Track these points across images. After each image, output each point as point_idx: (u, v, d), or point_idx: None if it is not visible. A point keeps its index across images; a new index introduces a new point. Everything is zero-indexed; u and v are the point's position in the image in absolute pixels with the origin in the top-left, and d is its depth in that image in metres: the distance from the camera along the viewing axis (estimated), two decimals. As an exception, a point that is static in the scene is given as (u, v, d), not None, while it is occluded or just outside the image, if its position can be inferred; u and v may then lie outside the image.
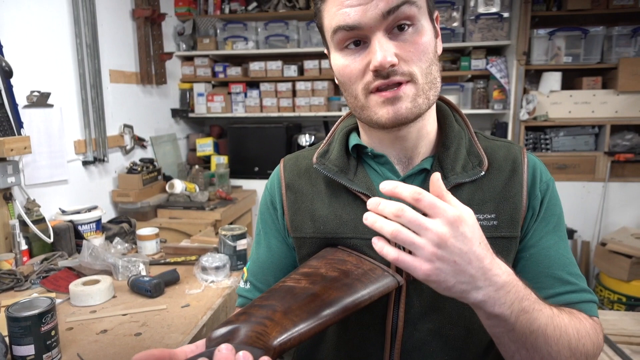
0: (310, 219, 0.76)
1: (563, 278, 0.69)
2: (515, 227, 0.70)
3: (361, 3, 0.62)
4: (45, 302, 1.02)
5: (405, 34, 0.63)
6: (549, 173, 0.75)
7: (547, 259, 0.70)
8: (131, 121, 2.62)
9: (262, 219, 0.85)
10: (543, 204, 0.72)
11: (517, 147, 0.76)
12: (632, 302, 2.49)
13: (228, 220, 2.61)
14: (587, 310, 0.68)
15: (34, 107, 1.86)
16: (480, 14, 2.88)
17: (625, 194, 2.85)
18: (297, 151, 0.86)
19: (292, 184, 0.80)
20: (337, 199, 0.75)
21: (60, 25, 2.07)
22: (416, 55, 0.64)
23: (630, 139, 2.85)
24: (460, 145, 0.72)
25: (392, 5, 0.61)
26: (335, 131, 0.82)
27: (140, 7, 2.63)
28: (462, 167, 0.71)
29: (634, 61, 2.73)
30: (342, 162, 0.75)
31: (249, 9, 3.22)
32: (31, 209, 1.72)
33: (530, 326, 0.56)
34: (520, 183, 0.71)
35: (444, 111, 0.77)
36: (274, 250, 0.83)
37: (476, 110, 3.03)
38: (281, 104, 3.21)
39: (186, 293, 1.41)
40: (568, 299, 0.68)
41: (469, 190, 0.70)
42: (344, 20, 0.63)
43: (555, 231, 0.72)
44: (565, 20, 2.88)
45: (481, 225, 0.67)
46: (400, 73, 0.63)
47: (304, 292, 0.61)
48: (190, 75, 3.30)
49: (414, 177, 0.73)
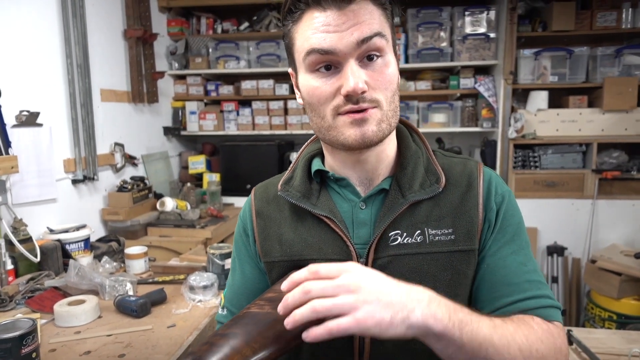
0: (278, 243, 0.79)
1: (520, 286, 0.70)
2: (472, 241, 0.72)
3: (337, 30, 0.65)
4: (26, 324, 1.01)
5: (374, 64, 0.67)
6: (505, 185, 0.77)
7: (503, 268, 0.71)
8: (122, 139, 2.62)
9: (236, 247, 0.88)
10: (499, 215, 0.74)
11: (474, 162, 0.79)
12: (622, 319, 2.49)
13: (219, 238, 2.60)
14: (546, 316, 0.68)
15: (23, 127, 1.86)
16: (467, 35, 2.94)
17: (614, 211, 2.87)
18: (268, 179, 0.89)
19: (261, 211, 0.83)
20: (302, 223, 0.77)
21: (51, 45, 2.08)
22: (383, 84, 0.68)
23: (617, 157, 2.89)
24: (417, 164, 0.76)
25: (365, 35, 0.65)
26: (298, 158, 0.85)
27: (132, 28, 2.66)
28: (419, 185, 0.73)
29: (618, 81, 2.79)
30: (305, 187, 0.78)
31: (241, 29, 3.27)
32: (18, 228, 1.71)
33: (477, 338, 0.57)
34: (475, 197, 0.74)
35: (402, 132, 0.80)
36: (247, 276, 0.85)
37: (465, 129, 3.07)
38: (273, 122, 3.23)
39: (173, 313, 1.40)
40: (525, 306, 0.68)
41: (427, 207, 0.73)
42: (320, 44, 0.66)
43: (514, 241, 0.73)
44: (551, 41, 2.94)
45: (439, 241, 0.71)
46: (369, 100, 0.67)
47: (266, 319, 0.63)
48: (182, 94, 3.32)
49: (374, 197, 0.76)
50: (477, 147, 3.24)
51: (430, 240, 0.71)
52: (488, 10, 2.92)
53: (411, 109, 3.10)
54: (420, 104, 3.10)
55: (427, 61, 3.02)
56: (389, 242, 0.72)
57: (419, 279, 0.70)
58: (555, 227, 2.90)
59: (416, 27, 3.00)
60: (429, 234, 0.72)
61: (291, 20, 0.70)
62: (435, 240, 0.71)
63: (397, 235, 0.72)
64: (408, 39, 3.03)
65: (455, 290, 0.72)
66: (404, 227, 0.72)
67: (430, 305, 0.56)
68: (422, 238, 0.71)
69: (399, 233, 0.72)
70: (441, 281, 0.71)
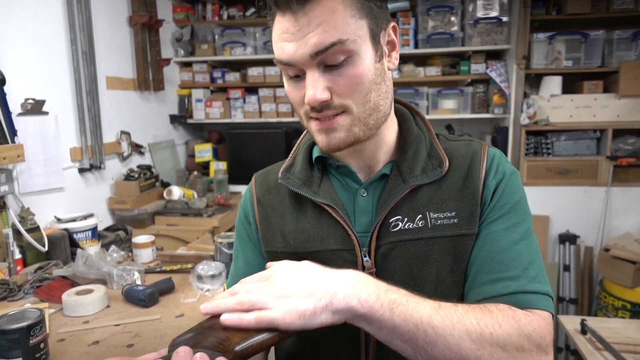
0: (280, 234, 0.78)
1: (505, 263, 0.65)
2: (474, 224, 0.69)
3: (294, 39, 0.62)
4: (34, 314, 1.00)
5: (340, 68, 0.63)
6: (509, 165, 0.73)
7: (491, 243, 0.67)
8: (128, 128, 2.60)
9: (239, 234, 0.86)
10: (496, 193, 0.70)
11: (478, 142, 0.75)
12: (636, 308, 2.45)
13: (226, 227, 2.58)
14: (526, 302, 0.62)
15: (29, 115, 1.84)
16: (479, 18, 2.86)
17: (628, 199, 2.82)
18: (269, 166, 0.87)
19: (262, 199, 0.82)
20: (303, 212, 0.76)
21: (56, 32, 2.05)
22: (349, 88, 0.64)
23: (633, 143, 2.82)
24: (419, 149, 0.73)
25: (319, 48, 0.61)
26: (299, 145, 0.83)
27: (137, 14, 2.62)
28: (421, 169, 0.71)
29: (635, 65, 2.71)
30: (306, 174, 0.76)
31: (247, 15, 3.21)
32: (25, 217, 1.70)
33: (411, 319, 0.55)
34: (478, 177, 0.70)
35: (404, 115, 0.78)
36: (251, 263, 0.83)
37: (476, 115, 3.01)
38: (280, 109, 3.19)
39: (181, 302, 1.39)
40: (505, 288, 0.63)
41: (429, 191, 0.71)
42: (279, 55, 0.65)
43: (508, 217, 0.69)
44: (565, 24, 2.86)
45: (442, 225, 0.68)
46: (333, 107, 0.65)
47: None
48: (188, 81, 3.28)
49: (376, 183, 0.74)
50: (488, 134, 3.18)
51: (432, 224, 0.69)
52: (500, -7, 2.84)
53: (420, 95, 3.04)
54: (430, 90, 3.04)
55: (437, 46, 2.94)
56: (390, 228, 0.70)
57: (421, 265, 0.69)
58: (567, 215, 2.85)
59: (426, 10, 2.93)
60: (430, 217, 0.69)
61: (269, 19, 0.67)
62: (438, 224, 0.69)
63: (398, 220, 0.70)
64: (418, 23, 2.95)
65: (459, 275, 0.69)
66: (404, 212, 0.70)
67: (355, 286, 0.56)
68: (423, 222, 0.69)
69: (400, 218, 0.70)
70: (444, 266, 0.68)
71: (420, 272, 0.69)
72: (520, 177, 0.75)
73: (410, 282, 0.69)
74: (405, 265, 0.69)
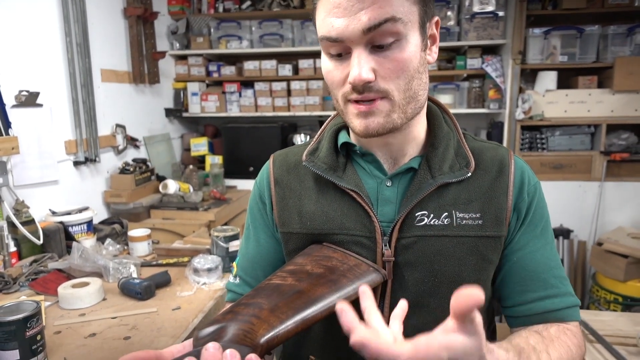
0: (298, 214, 0.77)
1: (548, 281, 0.72)
2: (500, 227, 0.71)
3: (345, 15, 0.61)
4: (31, 306, 1.00)
5: (387, 50, 0.63)
6: (535, 177, 0.76)
7: (533, 262, 0.73)
8: (124, 121, 2.58)
9: (251, 214, 0.86)
10: (531, 207, 0.73)
11: (504, 149, 0.77)
12: (628, 302, 2.48)
13: (222, 221, 2.58)
14: (569, 316, 0.72)
15: (23, 107, 1.83)
16: (475, 13, 2.87)
17: (622, 194, 2.84)
18: (288, 147, 0.87)
19: (280, 179, 0.81)
20: (324, 195, 0.75)
21: (50, 23, 2.03)
22: (394, 73, 0.63)
23: (626, 139, 2.85)
24: (448, 146, 0.74)
25: (373, 23, 0.60)
26: (325, 129, 0.82)
27: (132, 6, 2.60)
28: (449, 167, 0.72)
29: (630, 60, 2.72)
30: (331, 159, 0.76)
31: (243, 8, 3.20)
32: (20, 210, 1.69)
33: None
34: (506, 184, 0.72)
35: (434, 112, 0.78)
36: (262, 244, 0.83)
37: (472, 110, 3.01)
38: (276, 104, 3.19)
39: (177, 295, 1.39)
40: (551, 305, 0.72)
41: (455, 190, 0.72)
42: (328, 31, 0.63)
43: (543, 235, 0.74)
44: (561, 19, 2.87)
45: (467, 225, 0.70)
46: (376, 90, 0.64)
47: (290, 290, 0.62)
48: (184, 75, 3.27)
49: (401, 175, 0.74)
50: (483, 129, 3.19)
51: (457, 223, 0.70)
52: (497, -12, 2.84)
53: (417, 89, 3.04)
54: (426, 84, 3.04)
55: (433, 40, 2.94)
56: (415, 222, 0.70)
57: (444, 261, 0.70)
58: (561, 210, 2.87)
59: (423, 5, 2.92)
60: (456, 217, 0.70)
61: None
62: (463, 224, 0.70)
63: (424, 215, 0.70)
64: (414, 17, 2.95)
65: (479, 275, 0.71)
66: (431, 208, 0.70)
67: None
68: (449, 220, 0.70)
69: (426, 214, 0.70)
70: (466, 265, 0.70)
71: (442, 268, 0.70)
72: None
73: (430, 277, 0.70)
74: (427, 261, 0.70)
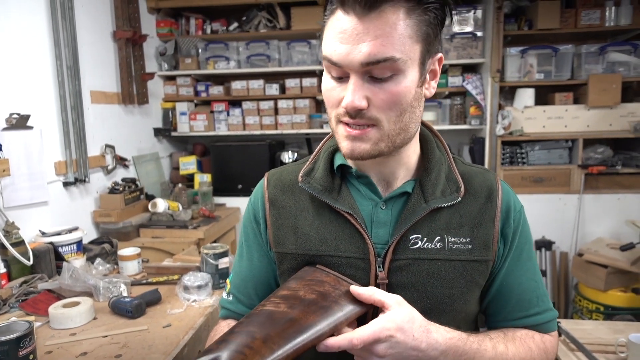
0: (293, 235, 0.78)
1: (532, 302, 0.79)
2: (487, 252, 0.75)
3: (349, 42, 0.63)
4: (23, 326, 1.01)
5: (383, 82, 0.65)
6: (519, 201, 0.81)
7: (519, 286, 0.78)
8: (113, 141, 2.61)
9: (245, 233, 0.87)
10: (517, 232, 0.77)
11: (492, 174, 0.81)
12: (609, 311, 2.54)
13: (211, 239, 2.61)
14: (547, 328, 0.80)
15: (14, 130, 1.86)
16: (455, 33, 2.98)
17: (600, 206, 2.93)
18: (282, 166, 0.88)
19: (275, 199, 0.82)
20: (320, 217, 0.77)
21: (41, 47, 2.07)
22: (387, 104, 0.65)
23: (602, 152, 2.95)
24: (440, 171, 0.76)
25: (371, 59, 0.62)
26: (320, 150, 0.84)
27: (121, 29, 2.65)
28: (441, 192, 0.74)
29: (602, 77, 2.84)
30: (327, 181, 0.77)
31: (230, 30, 3.27)
32: (10, 231, 1.70)
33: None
34: (494, 210, 0.76)
35: (427, 137, 0.80)
36: (255, 263, 0.85)
37: (454, 126, 3.10)
38: (264, 122, 3.24)
39: (168, 313, 1.41)
40: (533, 321, 0.79)
41: (447, 215, 0.74)
42: (330, 54, 0.65)
43: (528, 257, 0.79)
44: (537, 39, 2.99)
45: (457, 249, 0.73)
46: (367, 117, 0.66)
47: (282, 318, 0.63)
48: (172, 95, 3.31)
49: (395, 199, 0.76)
50: (465, 145, 3.27)
51: (449, 247, 0.73)
52: (475, 10, 2.96)
53: (401, 107, 3.12)
54: (410, 102, 3.12)
55: (415, 60, 3.04)
56: (409, 244, 0.73)
57: (436, 284, 0.72)
58: (543, 222, 2.95)
59: (404, 26, 3.02)
60: (448, 241, 0.73)
61: (327, 12, 0.68)
62: (454, 248, 0.73)
63: (418, 239, 0.73)
64: (397, 38, 3.05)
65: (467, 296, 0.74)
66: (424, 231, 0.73)
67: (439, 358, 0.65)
68: (441, 244, 0.73)
69: (420, 237, 0.73)
70: (456, 287, 0.73)
71: (434, 290, 0.72)
72: None
73: (422, 299, 0.72)
74: (420, 283, 0.72)
